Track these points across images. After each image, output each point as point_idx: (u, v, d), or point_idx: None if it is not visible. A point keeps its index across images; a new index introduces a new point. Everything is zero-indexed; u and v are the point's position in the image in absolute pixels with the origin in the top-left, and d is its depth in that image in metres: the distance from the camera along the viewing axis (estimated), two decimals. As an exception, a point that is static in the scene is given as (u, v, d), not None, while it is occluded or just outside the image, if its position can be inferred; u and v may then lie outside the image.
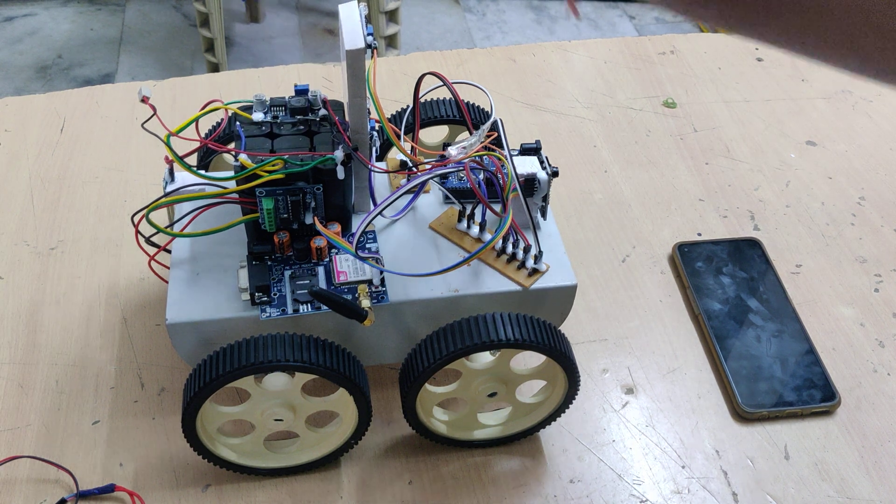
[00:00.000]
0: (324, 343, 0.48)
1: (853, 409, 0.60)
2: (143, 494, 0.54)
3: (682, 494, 0.55)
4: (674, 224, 0.73)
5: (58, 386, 0.60)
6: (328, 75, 0.88)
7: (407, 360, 0.51)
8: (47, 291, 0.66)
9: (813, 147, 0.81)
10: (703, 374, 0.62)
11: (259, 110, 0.52)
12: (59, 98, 0.84)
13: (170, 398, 0.59)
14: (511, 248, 0.53)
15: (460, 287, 0.52)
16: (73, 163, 0.77)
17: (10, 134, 0.80)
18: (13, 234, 0.70)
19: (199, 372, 0.48)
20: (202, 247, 0.54)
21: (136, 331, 0.63)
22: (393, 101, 0.81)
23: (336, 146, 0.50)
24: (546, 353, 0.50)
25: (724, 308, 0.65)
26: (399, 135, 0.58)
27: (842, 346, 0.64)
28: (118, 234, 0.70)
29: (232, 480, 0.55)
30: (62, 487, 0.54)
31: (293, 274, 0.52)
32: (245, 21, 2.21)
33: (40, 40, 2.12)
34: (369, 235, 0.55)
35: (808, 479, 0.56)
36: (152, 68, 2.04)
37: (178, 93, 0.85)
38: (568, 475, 0.56)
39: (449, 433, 0.55)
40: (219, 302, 0.51)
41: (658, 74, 0.89)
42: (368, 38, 0.48)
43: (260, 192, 0.50)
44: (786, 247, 0.71)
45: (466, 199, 0.56)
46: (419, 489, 0.55)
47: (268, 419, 0.51)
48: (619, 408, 0.60)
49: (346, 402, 0.51)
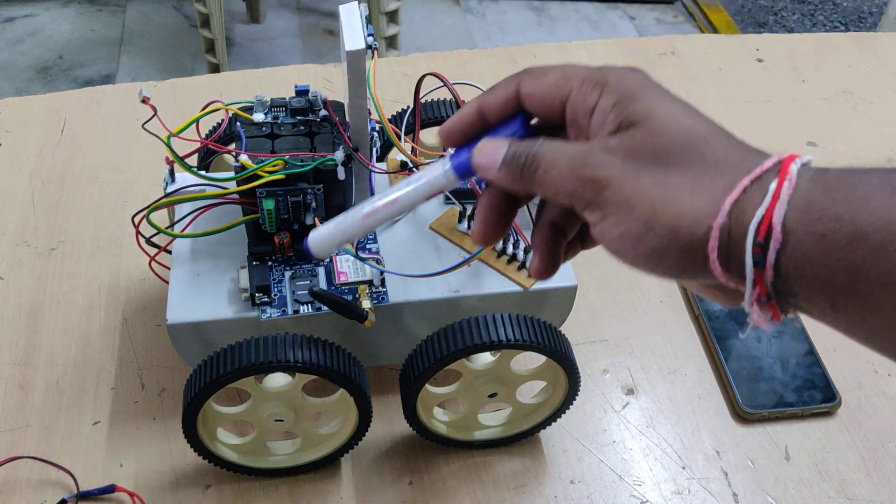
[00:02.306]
0: (324, 344, 0.48)
1: (854, 409, 0.60)
2: (143, 495, 0.54)
3: (682, 495, 0.55)
4: (674, 225, 0.73)
5: (58, 386, 0.60)
6: (329, 76, 0.87)
7: (407, 361, 0.51)
8: (48, 292, 0.66)
9: (813, 148, 0.81)
10: (704, 374, 0.62)
11: (259, 111, 0.52)
12: (60, 99, 0.84)
13: (170, 398, 0.59)
14: (511, 248, 0.53)
15: (461, 288, 0.52)
16: (73, 163, 0.77)
17: (10, 134, 0.80)
18: (14, 235, 0.70)
19: (199, 372, 0.48)
20: (202, 247, 0.54)
21: (136, 331, 0.63)
22: (393, 102, 0.81)
23: (336, 147, 0.50)
24: (546, 353, 0.50)
25: (724, 309, 0.65)
26: (399, 135, 0.58)
27: (842, 346, 0.64)
28: (118, 235, 0.70)
29: (232, 481, 0.55)
30: (62, 488, 0.54)
31: (293, 274, 0.52)
32: (245, 22, 2.21)
33: (41, 41, 2.12)
34: (370, 236, 0.55)
35: (809, 480, 0.56)
36: (153, 69, 2.04)
37: (179, 93, 0.85)
38: (568, 476, 0.56)
39: (449, 433, 0.55)
40: (219, 302, 0.51)
41: (659, 75, 0.88)
42: (369, 38, 0.48)
43: (260, 193, 0.50)
44: (786, 247, 0.71)
45: (467, 200, 0.56)
46: (419, 489, 0.55)
47: (268, 419, 0.51)
48: (619, 408, 0.60)
49: (347, 402, 0.51)
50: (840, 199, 0.26)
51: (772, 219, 0.27)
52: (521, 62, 0.90)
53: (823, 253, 0.26)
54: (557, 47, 0.93)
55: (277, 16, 2.24)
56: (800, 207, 0.27)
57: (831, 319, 0.28)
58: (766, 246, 0.27)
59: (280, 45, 2.15)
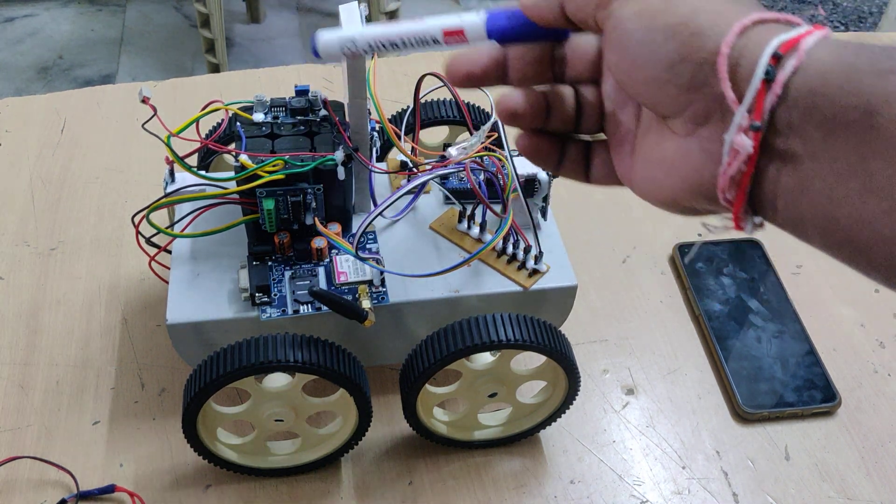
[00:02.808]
0: (324, 343, 0.48)
1: (854, 409, 0.60)
2: (143, 495, 0.54)
3: (682, 495, 0.55)
4: (674, 225, 0.73)
5: (58, 386, 0.60)
6: (328, 76, 0.87)
7: (407, 361, 0.51)
8: (48, 292, 0.66)
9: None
10: (704, 374, 0.62)
11: (259, 111, 0.52)
12: (60, 99, 0.84)
13: (170, 399, 0.59)
14: (511, 248, 0.53)
15: (461, 288, 0.52)
16: (73, 163, 0.77)
17: (10, 134, 0.80)
18: (14, 235, 0.70)
19: (199, 372, 0.48)
20: (202, 247, 0.54)
21: (136, 331, 0.63)
22: (393, 102, 0.81)
23: (336, 147, 0.50)
24: (546, 353, 0.50)
25: (724, 309, 0.65)
26: (399, 135, 0.58)
27: (842, 346, 0.64)
28: (118, 235, 0.70)
29: (232, 481, 0.55)
30: (62, 488, 0.54)
31: (293, 274, 0.52)
32: (245, 22, 2.21)
33: (41, 41, 2.12)
34: (370, 236, 0.55)
35: (809, 480, 0.56)
36: (153, 69, 2.04)
37: (179, 93, 0.85)
38: (568, 476, 0.56)
39: (449, 433, 0.55)
40: (219, 302, 0.51)
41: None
42: (369, 38, 0.48)
43: (260, 193, 0.50)
44: (786, 247, 0.71)
45: (467, 200, 0.56)
46: (419, 489, 0.55)
47: (268, 419, 0.51)
48: (619, 408, 0.60)
49: (347, 402, 0.51)
50: (873, 49, 0.26)
51: (800, 41, 0.26)
52: (521, 62, 0.90)
53: (846, 81, 0.25)
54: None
55: (277, 16, 2.24)
56: (830, 44, 0.26)
57: (809, 174, 0.26)
58: (784, 60, 0.26)
59: (280, 45, 2.15)
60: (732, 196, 0.28)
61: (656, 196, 0.32)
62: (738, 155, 0.27)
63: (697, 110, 0.29)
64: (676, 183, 0.31)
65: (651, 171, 0.32)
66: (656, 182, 0.32)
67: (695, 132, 0.29)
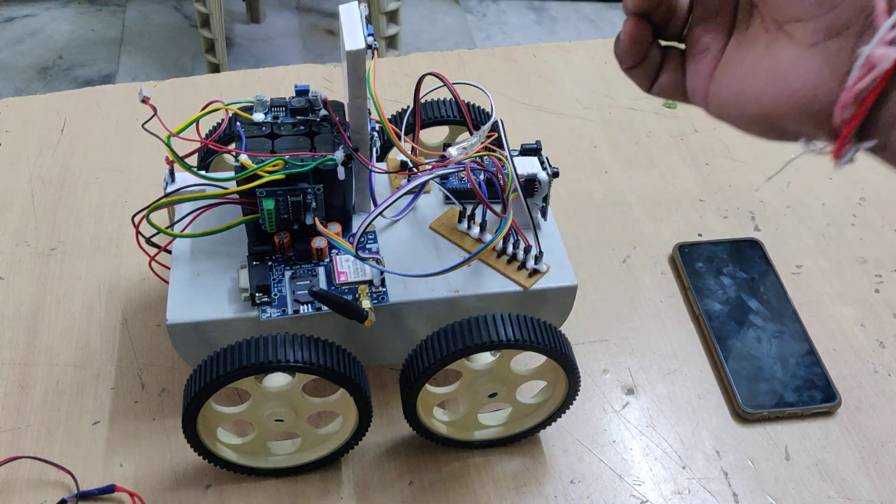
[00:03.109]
0: (324, 343, 0.48)
1: (853, 409, 0.60)
2: (143, 495, 0.54)
3: (682, 495, 0.55)
4: (674, 224, 0.73)
5: (58, 386, 0.60)
6: (329, 76, 0.87)
7: (407, 361, 0.51)
8: (48, 292, 0.66)
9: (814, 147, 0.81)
10: (704, 374, 0.62)
11: (259, 111, 0.52)
12: (60, 99, 0.84)
13: (170, 399, 0.59)
14: (511, 248, 0.53)
15: (461, 288, 0.52)
16: (73, 163, 0.77)
17: (10, 134, 0.80)
18: (13, 235, 0.70)
19: (199, 372, 0.48)
20: (202, 247, 0.54)
21: (136, 331, 0.63)
22: (393, 102, 0.81)
23: (336, 146, 0.50)
24: (546, 353, 0.50)
25: (724, 308, 0.65)
26: (399, 135, 0.58)
27: (842, 346, 0.64)
28: (118, 235, 0.70)
29: (232, 481, 0.55)
30: (62, 488, 0.54)
31: (293, 274, 0.52)
32: (245, 22, 2.21)
33: (41, 41, 2.12)
34: (370, 236, 0.55)
35: (809, 480, 0.56)
36: (153, 69, 2.04)
37: (179, 93, 0.85)
38: (568, 476, 0.56)
39: (449, 433, 0.55)
40: (219, 302, 0.51)
41: (658, 75, 0.89)
42: (369, 38, 0.48)
43: (260, 193, 0.50)
44: (786, 247, 0.71)
45: (467, 200, 0.56)
46: (419, 489, 0.55)
47: (268, 419, 0.51)
48: (619, 408, 0.60)
49: (347, 402, 0.51)
50: None
51: None
52: (521, 62, 0.90)
53: None
54: (557, 47, 0.93)
55: (277, 16, 2.24)
56: None
57: None
58: None
59: (280, 45, 2.15)
60: (850, 115, 0.27)
61: (745, 110, 0.30)
62: (871, 70, 0.26)
63: (837, 18, 0.27)
64: (781, 97, 0.29)
65: (746, 83, 0.30)
66: (751, 95, 0.30)
67: (821, 42, 0.28)
